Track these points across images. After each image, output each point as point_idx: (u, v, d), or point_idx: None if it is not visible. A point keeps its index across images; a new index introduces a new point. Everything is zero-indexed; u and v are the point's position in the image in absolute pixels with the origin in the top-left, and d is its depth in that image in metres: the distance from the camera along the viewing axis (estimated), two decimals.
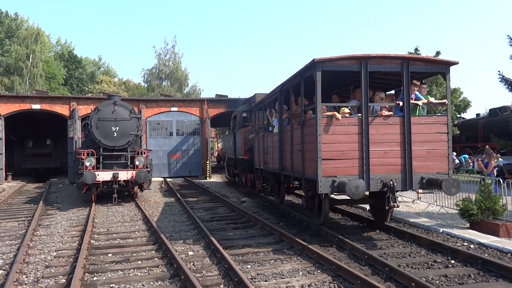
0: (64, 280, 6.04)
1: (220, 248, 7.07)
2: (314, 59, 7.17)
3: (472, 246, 7.30)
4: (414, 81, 7.94)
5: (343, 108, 7.80)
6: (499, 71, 18.35)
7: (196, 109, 26.35)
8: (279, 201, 11.83)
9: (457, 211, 9.06)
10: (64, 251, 7.72)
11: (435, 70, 8.07)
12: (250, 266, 6.44)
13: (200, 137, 26.39)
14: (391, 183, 7.23)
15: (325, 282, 5.61)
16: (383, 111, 7.69)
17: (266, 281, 5.72)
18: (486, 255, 6.64)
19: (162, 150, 25.62)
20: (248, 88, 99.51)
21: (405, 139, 7.46)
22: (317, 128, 7.19)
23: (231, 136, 18.81)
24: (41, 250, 7.88)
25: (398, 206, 7.52)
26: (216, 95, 28.47)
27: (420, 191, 7.93)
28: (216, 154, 43.39)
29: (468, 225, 8.69)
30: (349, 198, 7.63)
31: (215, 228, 9.34)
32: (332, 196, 8.12)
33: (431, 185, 7.47)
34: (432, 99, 8.29)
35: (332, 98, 9.63)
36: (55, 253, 7.58)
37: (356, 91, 8.49)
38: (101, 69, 67.81)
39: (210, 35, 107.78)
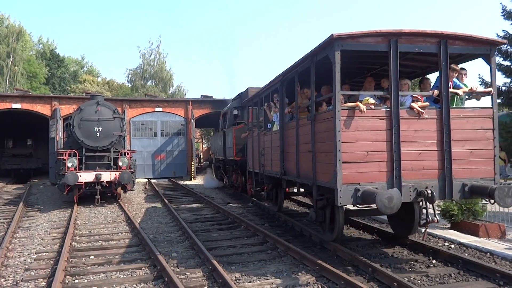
0: (44, 283, 5.92)
1: (204, 249, 7.03)
2: (332, 34, 5.83)
3: (452, 246, 7.43)
4: (453, 66, 6.66)
5: (366, 98, 6.28)
6: (479, 75, 18.77)
7: (181, 109, 26.21)
8: (277, 208, 10.72)
9: (438, 212, 9.21)
10: (44, 254, 7.57)
11: (477, 51, 6.55)
12: (234, 267, 6.43)
13: (185, 138, 26.26)
14: (429, 191, 5.90)
15: (309, 282, 5.63)
16: (417, 102, 6.39)
17: (250, 282, 5.71)
18: (466, 255, 6.77)
19: (146, 151, 25.41)
20: (233, 90, 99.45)
21: (443, 137, 6.20)
22: (336, 123, 5.85)
23: (220, 136, 17.49)
24: (20, 252, 7.72)
25: (438, 221, 6.28)
26: (201, 95, 28.39)
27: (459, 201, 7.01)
28: (201, 155, 43.18)
29: (449, 225, 8.84)
30: (365, 208, 6.98)
31: (199, 230, 9.30)
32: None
33: (475, 193, 6.23)
34: (474, 87, 6.85)
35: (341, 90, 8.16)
36: (35, 256, 7.43)
37: (370, 80, 7.46)
38: (84, 68, 66.87)
39: (196, 36, 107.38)
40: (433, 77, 7.46)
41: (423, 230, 6.59)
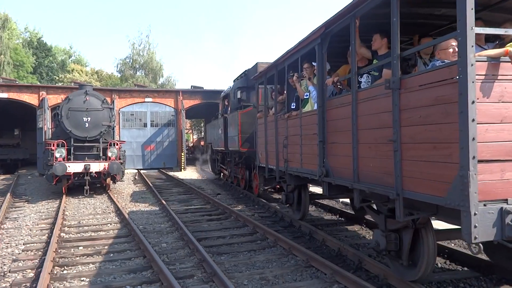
0: (32, 274, 5.88)
1: (194, 240, 7.05)
2: None
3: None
4: None
5: None
6: None
7: (171, 100, 26.05)
8: (300, 216, 8.40)
9: None
10: (32, 244, 7.53)
11: None
12: (224, 257, 6.46)
13: (175, 129, 26.15)
14: None
15: (297, 272, 5.69)
16: None
17: (240, 272, 5.74)
18: (453, 244, 6.88)
19: (136, 142, 25.26)
20: (224, 81, 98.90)
21: None
22: (467, 87, 3.20)
23: (220, 123, 14.91)
24: (8, 243, 7.66)
25: None
26: (191, 86, 28.23)
27: None
28: (191, 145, 43.09)
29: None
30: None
31: (189, 220, 9.30)
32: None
33: None
34: None
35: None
36: (23, 247, 7.37)
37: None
38: (72, 57, 65.88)
39: (186, 26, 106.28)
40: None
41: None
